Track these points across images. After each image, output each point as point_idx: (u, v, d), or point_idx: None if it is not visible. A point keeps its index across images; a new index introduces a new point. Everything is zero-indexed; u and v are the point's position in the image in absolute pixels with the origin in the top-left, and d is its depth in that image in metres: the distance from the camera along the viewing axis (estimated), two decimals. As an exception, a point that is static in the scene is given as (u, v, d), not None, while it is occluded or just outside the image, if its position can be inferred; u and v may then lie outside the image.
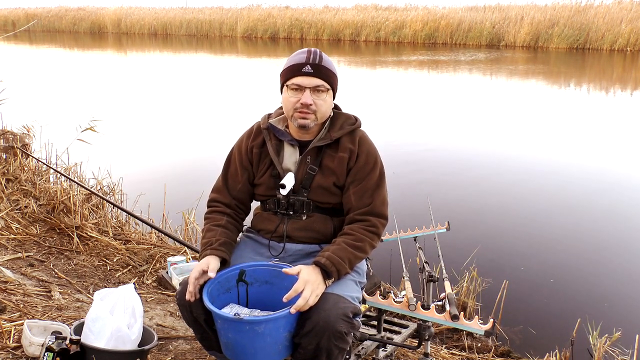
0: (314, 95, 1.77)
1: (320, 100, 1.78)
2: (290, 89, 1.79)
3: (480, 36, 23.76)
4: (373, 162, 1.85)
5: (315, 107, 1.78)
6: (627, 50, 20.19)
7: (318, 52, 1.81)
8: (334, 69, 1.83)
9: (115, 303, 2.02)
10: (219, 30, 32.08)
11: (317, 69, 1.77)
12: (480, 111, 9.97)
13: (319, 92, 1.78)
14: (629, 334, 2.94)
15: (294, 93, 1.79)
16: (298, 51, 1.83)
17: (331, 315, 1.58)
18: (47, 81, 13.77)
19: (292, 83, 1.78)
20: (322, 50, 1.84)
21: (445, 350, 2.83)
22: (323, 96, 1.79)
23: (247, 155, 1.93)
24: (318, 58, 1.79)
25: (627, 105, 10.68)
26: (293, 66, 1.79)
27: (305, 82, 1.77)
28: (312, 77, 1.76)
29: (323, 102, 1.79)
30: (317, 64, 1.77)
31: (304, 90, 1.77)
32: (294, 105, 1.78)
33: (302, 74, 1.76)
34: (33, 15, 38.49)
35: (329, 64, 1.81)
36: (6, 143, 4.63)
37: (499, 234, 4.60)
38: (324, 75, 1.78)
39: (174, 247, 3.80)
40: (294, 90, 1.78)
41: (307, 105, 1.76)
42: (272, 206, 1.91)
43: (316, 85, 1.77)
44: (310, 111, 1.78)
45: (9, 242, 3.34)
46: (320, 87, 1.78)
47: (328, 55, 1.87)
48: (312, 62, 1.77)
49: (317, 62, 1.78)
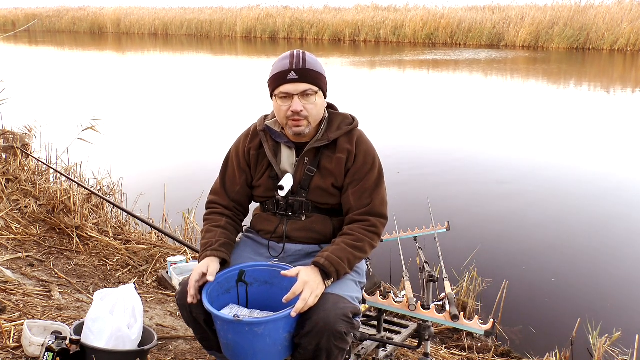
0: (303, 100, 1.76)
1: (310, 104, 1.77)
2: (279, 97, 1.78)
3: (481, 36, 23.76)
4: (371, 162, 1.85)
5: (306, 112, 1.76)
6: (628, 50, 20.19)
7: (301, 55, 1.78)
8: (319, 69, 1.80)
9: (115, 303, 2.02)
10: (218, 30, 32.08)
11: (301, 73, 1.75)
12: (480, 111, 9.97)
13: (308, 96, 1.76)
14: (629, 334, 2.94)
15: (283, 101, 1.78)
16: (281, 56, 1.81)
17: (331, 315, 1.58)
18: (47, 81, 13.77)
19: (280, 92, 1.77)
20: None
21: (445, 350, 2.83)
22: (312, 99, 1.77)
23: (244, 157, 1.93)
24: (301, 62, 1.76)
25: (628, 106, 10.68)
26: (278, 74, 1.77)
27: (292, 89, 1.75)
28: (298, 82, 1.74)
29: (313, 105, 1.78)
30: (301, 68, 1.75)
31: (292, 98, 1.76)
32: (285, 114, 1.78)
33: (288, 81, 1.74)
34: (33, 15, 38.52)
35: (314, 65, 1.78)
36: (6, 143, 4.63)
37: (499, 234, 4.60)
38: (310, 79, 1.76)
39: (174, 247, 3.80)
40: (283, 99, 1.77)
41: (298, 112, 1.75)
42: (271, 207, 1.90)
43: (303, 90, 1.75)
44: (302, 117, 1.77)
45: (9, 242, 3.34)
46: (307, 92, 1.76)
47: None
48: (296, 67, 1.74)
49: (301, 66, 1.75)
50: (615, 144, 7.55)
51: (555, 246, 4.35)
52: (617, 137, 7.89)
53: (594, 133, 8.20)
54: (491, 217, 4.97)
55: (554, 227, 4.74)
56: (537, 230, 4.67)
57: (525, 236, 4.56)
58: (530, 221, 4.87)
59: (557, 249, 4.29)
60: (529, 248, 4.31)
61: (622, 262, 4.10)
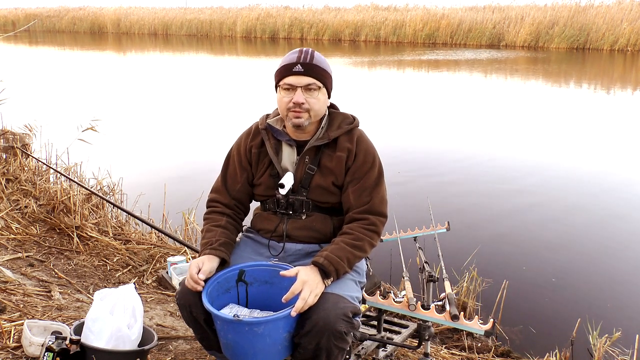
0: (306, 93, 1.78)
1: (312, 98, 1.79)
2: (283, 89, 1.80)
3: (481, 36, 23.77)
4: (371, 160, 1.85)
5: (308, 105, 1.78)
6: (628, 50, 20.19)
7: (310, 52, 1.81)
8: (326, 67, 1.83)
9: (115, 303, 2.02)
10: (219, 30, 32.09)
11: (307, 67, 1.77)
12: (480, 111, 9.97)
13: (311, 90, 1.78)
14: (629, 334, 2.94)
15: (286, 93, 1.80)
16: (291, 51, 1.84)
17: (331, 315, 1.58)
18: (47, 81, 13.77)
19: (284, 83, 1.79)
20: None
21: (445, 350, 2.82)
22: (315, 94, 1.79)
23: (246, 155, 1.93)
24: (309, 57, 1.79)
25: (628, 106, 10.68)
26: (285, 66, 1.80)
27: (296, 81, 1.77)
28: (303, 75, 1.77)
29: (316, 100, 1.79)
30: (308, 62, 1.78)
31: (295, 90, 1.78)
32: (287, 105, 1.79)
33: (293, 73, 1.77)
34: (33, 15, 38.53)
35: (320, 62, 1.81)
36: (6, 143, 4.63)
37: (499, 234, 4.60)
38: (315, 74, 1.78)
39: (174, 247, 3.80)
40: (286, 90, 1.79)
41: (300, 104, 1.77)
42: (272, 206, 1.91)
43: (307, 83, 1.77)
44: (303, 110, 1.78)
45: (9, 242, 3.34)
46: (311, 85, 1.78)
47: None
48: (303, 62, 1.78)
49: (308, 60, 1.78)
50: (615, 143, 7.55)
51: (556, 246, 4.35)
52: (617, 137, 7.89)
53: (594, 133, 8.20)
54: (491, 217, 4.97)
55: (554, 227, 4.74)
56: (537, 230, 4.67)
57: (525, 236, 4.56)
58: (531, 221, 4.87)
59: (557, 249, 4.29)
60: (529, 248, 4.31)
61: (622, 262, 4.10)
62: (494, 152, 7.20)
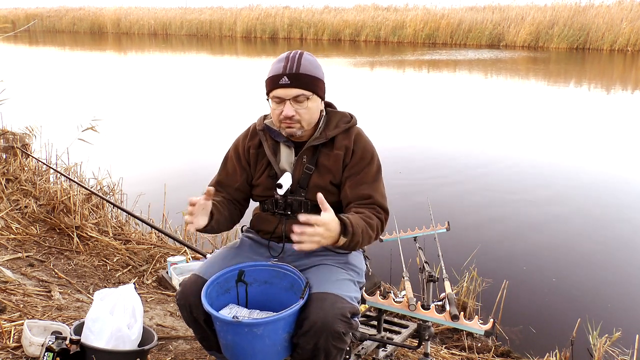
0: (295, 105, 1.75)
1: (302, 109, 1.76)
2: (273, 101, 1.79)
3: (481, 36, 23.76)
4: (370, 157, 1.83)
5: (298, 116, 1.76)
6: (628, 50, 20.19)
7: (296, 58, 1.76)
8: (315, 73, 1.78)
9: (115, 303, 2.02)
10: (218, 30, 32.07)
11: (294, 78, 1.73)
12: (480, 111, 9.97)
13: (300, 101, 1.76)
14: (629, 334, 2.94)
15: (276, 105, 1.78)
16: (278, 58, 1.80)
17: (329, 315, 1.57)
18: (47, 81, 13.77)
19: (273, 96, 1.77)
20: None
21: (445, 350, 2.83)
22: (305, 104, 1.76)
23: (244, 155, 1.93)
24: (295, 66, 1.74)
25: (628, 106, 10.68)
26: (271, 78, 1.77)
27: (284, 93, 1.74)
28: (290, 88, 1.73)
29: (306, 110, 1.77)
30: (295, 72, 1.73)
31: (284, 102, 1.76)
32: (278, 117, 1.79)
33: (280, 86, 1.74)
34: (33, 15, 38.51)
35: (308, 69, 1.75)
36: (6, 143, 4.63)
37: (499, 234, 4.60)
38: (302, 84, 1.74)
39: (174, 247, 3.80)
40: (276, 103, 1.78)
41: (290, 117, 1.76)
42: (270, 207, 1.90)
43: (295, 95, 1.74)
44: (294, 121, 1.77)
45: (9, 242, 3.34)
46: (299, 97, 1.75)
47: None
48: (289, 72, 1.73)
49: (295, 70, 1.73)
50: (616, 144, 7.55)
51: (556, 246, 4.35)
52: (617, 138, 7.89)
53: (594, 133, 8.19)
54: (491, 217, 4.97)
55: (554, 227, 4.74)
56: (537, 230, 4.67)
57: (525, 236, 4.56)
58: (531, 221, 4.87)
59: (557, 249, 4.29)
60: (529, 248, 4.31)
61: (623, 262, 4.10)
62: (494, 152, 7.20)
